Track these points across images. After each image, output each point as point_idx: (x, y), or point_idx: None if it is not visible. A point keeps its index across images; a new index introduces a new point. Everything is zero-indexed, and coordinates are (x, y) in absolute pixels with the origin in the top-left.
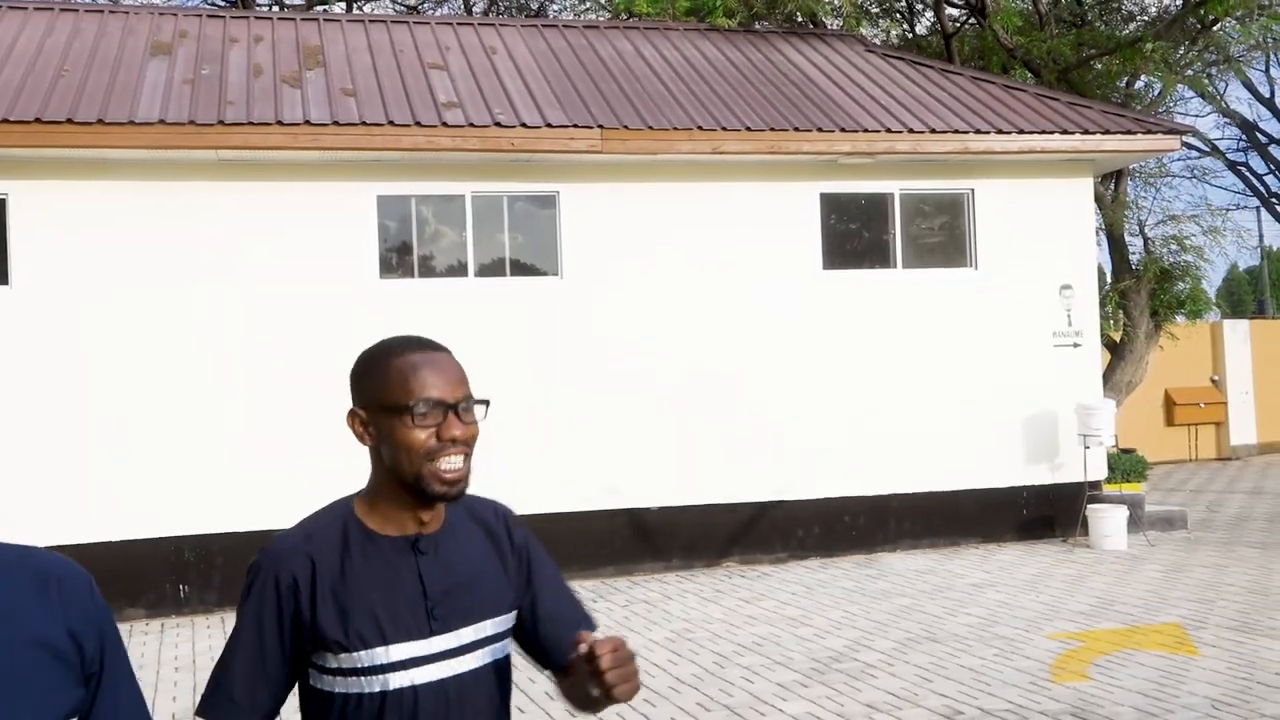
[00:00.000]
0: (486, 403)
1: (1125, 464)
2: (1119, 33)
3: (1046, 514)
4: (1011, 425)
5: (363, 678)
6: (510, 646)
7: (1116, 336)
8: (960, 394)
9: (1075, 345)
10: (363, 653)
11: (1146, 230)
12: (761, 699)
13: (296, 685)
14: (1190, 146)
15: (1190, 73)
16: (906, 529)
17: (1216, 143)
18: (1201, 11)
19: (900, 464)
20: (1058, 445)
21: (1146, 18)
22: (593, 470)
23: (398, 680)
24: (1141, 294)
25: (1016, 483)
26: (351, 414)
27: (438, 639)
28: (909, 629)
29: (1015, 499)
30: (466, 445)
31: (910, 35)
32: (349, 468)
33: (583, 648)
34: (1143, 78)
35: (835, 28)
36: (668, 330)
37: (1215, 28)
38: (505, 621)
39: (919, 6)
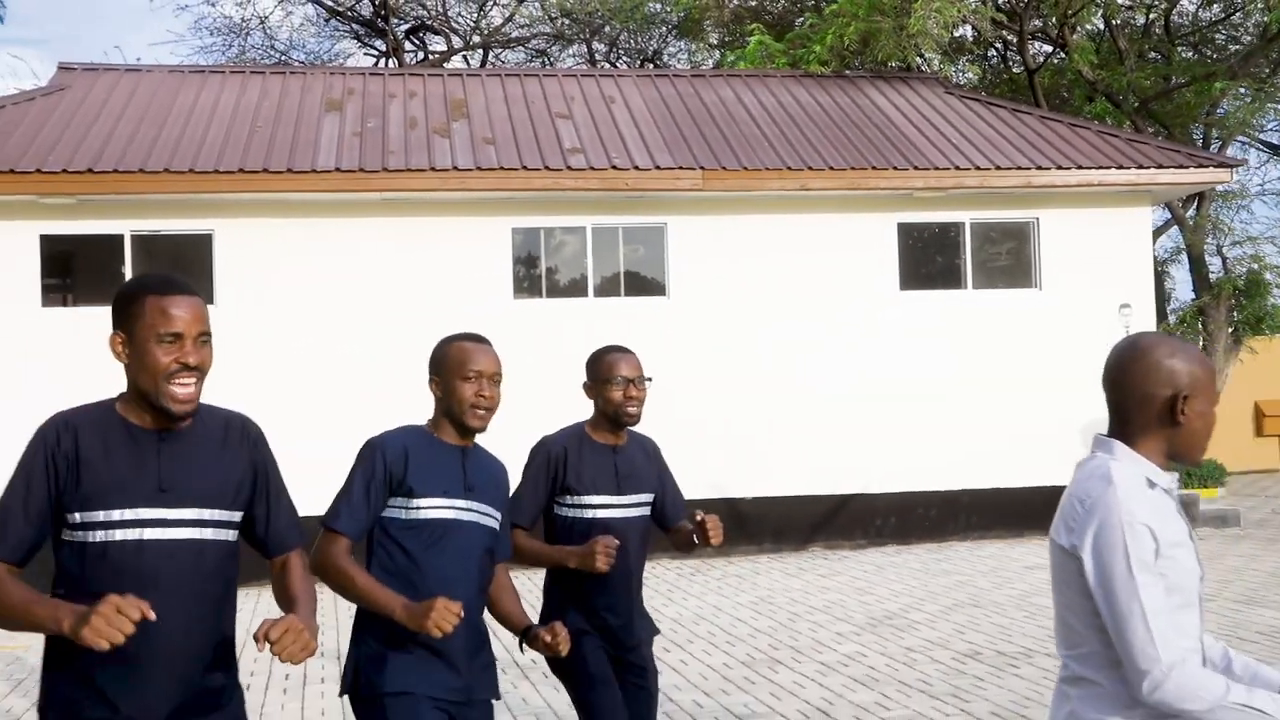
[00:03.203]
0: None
1: (1203, 470)
2: (1210, 59)
3: None
4: (1072, 430)
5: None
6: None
7: None
8: (1026, 401)
9: None
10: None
11: (1225, 250)
12: (821, 642)
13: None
14: None
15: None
16: (975, 521)
17: None
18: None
19: (970, 463)
20: None
21: (1241, 45)
22: (694, 464)
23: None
24: (1220, 310)
25: None
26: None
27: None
28: (957, 597)
29: None
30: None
31: (1005, 69)
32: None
33: (699, 516)
34: (1223, 105)
35: (931, 69)
36: (761, 343)
37: None
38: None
39: (1002, 46)
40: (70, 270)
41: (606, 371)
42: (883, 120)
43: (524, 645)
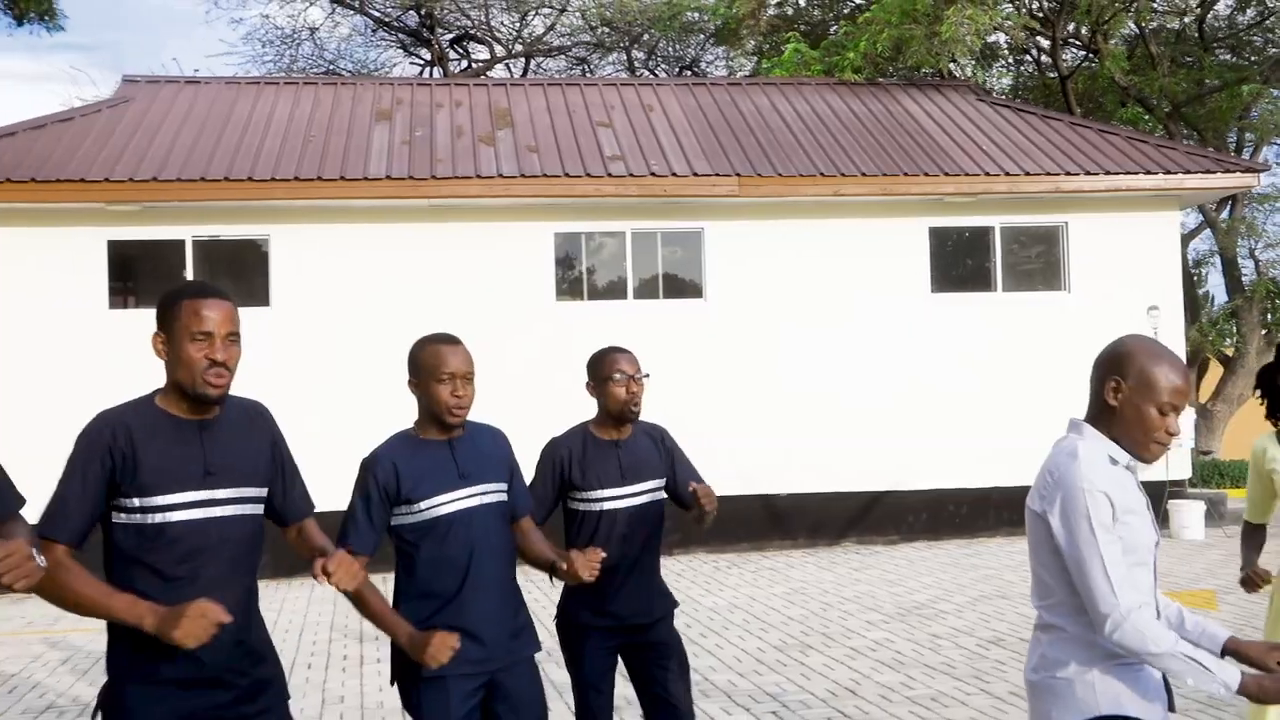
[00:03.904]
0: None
1: (1234, 470)
2: (1248, 62)
3: None
4: None
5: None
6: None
7: (1230, 352)
8: (1055, 401)
9: None
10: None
11: (1257, 253)
12: (851, 629)
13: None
14: None
15: None
16: (1005, 518)
17: None
18: None
19: (1001, 461)
20: None
21: (1278, 48)
22: (730, 461)
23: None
24: (1253, 312)
25: None
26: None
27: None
28: (984, 590)
29: None
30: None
31: (1038, 74)
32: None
33: (691, 488)
34: (1254, 110)
35: (965, 75)
36: (796, 343)
37: None
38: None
39: (1036, 51)
40: (135, 274)
41: (608, 370)
42: (914, 127)
43: (553, 578)
